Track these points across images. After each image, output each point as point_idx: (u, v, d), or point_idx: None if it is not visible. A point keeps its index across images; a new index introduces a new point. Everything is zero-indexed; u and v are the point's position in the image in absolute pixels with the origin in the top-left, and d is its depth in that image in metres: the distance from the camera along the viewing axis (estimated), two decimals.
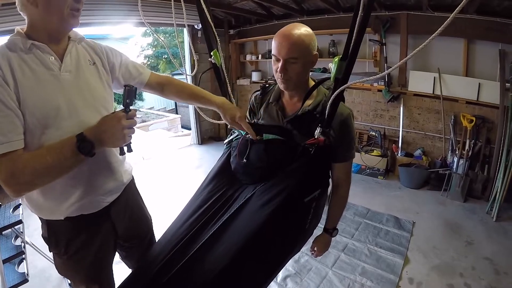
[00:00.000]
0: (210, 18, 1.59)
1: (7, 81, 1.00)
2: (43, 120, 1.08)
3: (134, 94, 1.14)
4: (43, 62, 1.11)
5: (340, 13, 5.15)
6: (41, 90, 1.08)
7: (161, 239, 1.40)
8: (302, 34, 1.27)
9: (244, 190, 1.36)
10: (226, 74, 1.67)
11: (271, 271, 1.32)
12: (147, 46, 16.88)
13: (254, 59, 6.75)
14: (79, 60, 1.23)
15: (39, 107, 1.07)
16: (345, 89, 1.19)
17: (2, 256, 2.25)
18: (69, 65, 1.18)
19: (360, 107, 5.36)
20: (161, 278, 1.18)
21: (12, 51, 1.06)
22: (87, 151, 1.04)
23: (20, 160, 1.01)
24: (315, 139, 1.26)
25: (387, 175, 4.92)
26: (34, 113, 1.06)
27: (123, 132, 1.07)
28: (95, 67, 1.30)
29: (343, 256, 3.01)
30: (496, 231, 3.40)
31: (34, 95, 1.06)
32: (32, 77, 1.07)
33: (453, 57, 4.39)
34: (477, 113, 4.26)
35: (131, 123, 1.11)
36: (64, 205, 1.21)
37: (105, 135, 1.07)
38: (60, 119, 1.11)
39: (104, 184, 1.30)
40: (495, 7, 3.83)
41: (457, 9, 0.81)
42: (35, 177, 1.03)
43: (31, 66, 1.08)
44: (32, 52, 1.10)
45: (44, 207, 1.24)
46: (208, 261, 1.16)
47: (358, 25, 1.09)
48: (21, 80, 1.03)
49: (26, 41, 1.08)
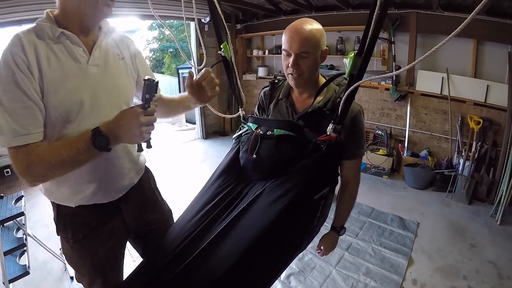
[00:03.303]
0: (221, 11, 1.56)
1: (32, 71, 0.98)
2: (65, 114, 1.06)
3: (155, 89, 1.07)
4: (71, 54, 1.08)
5: (349, 10, 5.12)
6: (66, 84, 1.06)
7: (168, 235, 1.38)
8: (313, 29, 1.26)
9: (253, 186, 1.34)
10: (236, 68, 1.65)
11: (278, 269, 1.32)
12: (152, 39, 16.87)
13: (260, 54, 6.73)
14: (108, 54, 1.21)
15: (62, 101, 1.05)
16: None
17: (4, 248, 2.24)
18: (98, 58, 1.16)
19: (367, 105, 5.32)
20: (168, 274, 1.16)
21: (40, 39, 1.03)
22: (103, 146, 1.02)
23: (36, 152, 1.00)
24: (327, 136, 1.24)
25: (392, 175, 4.90)
26: (57, 108, 1.04)
27: (140, 129, 1.03)
28: (123, 62, 1.27)
29: (347, 255, 3.00)
30: (500, 235, 3.37)
31: (59, 89, 1.04)
32: (58, 69, 1.04)
33: (462, 57, 4.34)
34: (484, 115, 4.22)
35: (150, 120, 1.06)
36: (77, 196, 1.21)
37: (121, 130, 1.03)
38: (82, 115, 1.09)
39: (119, 181, 1.29)
40: (506, 8, 3.78)
41: (474, 10, 0.79)
42: (50, 170, 1.02)
43: (59, 57, 1.05)
44: (60, 42, 1.07)
45: (57, 194, 1.23)
46: (216, 257, 1.15)
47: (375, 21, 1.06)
48: (46, 72, 1.01)
49: (55, 28, 1.05)
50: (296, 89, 1.45)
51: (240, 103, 1.67)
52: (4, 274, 2.19)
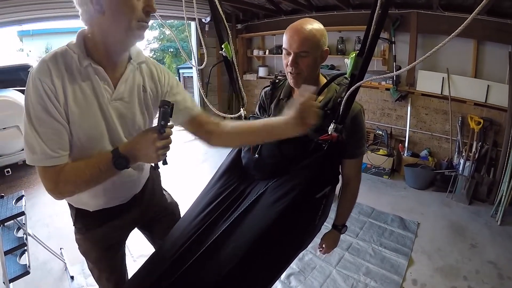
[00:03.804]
0: (222, 11, 1.57)
1: (58, 99, 1.00)
2: (87, 143, 1.11)
3: (170, 114, 1.06)
4: (96, 88, 1.08)
5: (349, 10, 5.12)
6: (89, 118, 1.08)
7: (171, 235, 1.38)
8: (313, 29, 1.27)
9: (255, 185, 1.35)
10: (237, 68, 1.65)
11: (280, 268, 1.32)
12: (153, 39, 16.87)
13: (261, 54, 6.73)
14: (133, 88, 1.19)
15: (85, 132, 1.09)
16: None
17: (4, 247, 2.24)
18: (122, 93, 1.15)
19: (367, 105, 5.32)
20: (172, 274, 1.16)
21: (67, 69, 1.03)
22: (123, 167, 1.06)
23: (63, 172, 1.04)
24: (329, 135, 1.24)
25: (392, 175, 4.89)
26: (80, 138, 1.08)
27: (157, 152, 1.05)
28: (145, 95, 1.24)
29: (347, 255, 3.00)
30: (501, 235, 3.37)
31: (81, 121, 1.07)
32: (82, 103, 1.06)
33: (462, 58, 4.35)
34: (485, 115, 4.22)
35: (166, 143, 1.07)
36: (95, 203, 1.30)
37: (139, 153, 1.07)
38: (102, 144, 1.14)
39: (130, 191, 1.39)
40: (506, 8, 3.78)
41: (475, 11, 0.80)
42: (75, 188, 1.08)
43: (84, 91, 1.06)
44: (87, 74, 1.06)
45: (75, 199, 1.30)
46: (220, 257, 1.15)
47: (376, 21, 1.07)
48: (71, 104, 1.03)
49: (83, 59, 1.04)
50: (297, 89, 1.45)
51: (241, 102, 1.67)
52: (4, 274, 2.19)
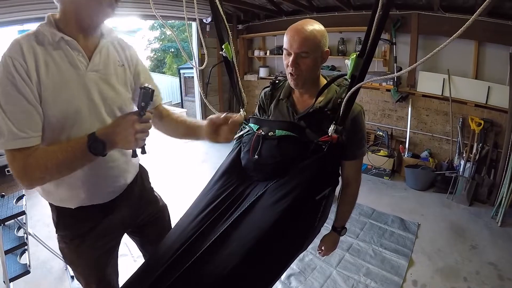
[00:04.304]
0: (222, 11, 1.56)
1: (30, 76, 0.98)
2: (63, 120, 1.07)
3: (151, 97, 1.06)
4: (70, 60, 1.08)
5: (350, 11, 5.12)
6: (63, 91, 1.06)
7: (168, 237, 1.37)
8: (314, 30, 1.27)
9: (255, 187, 1.34)
10: (237, 68, 1.65)
11: (279, 269, 1.31)
12: (154, 39, 16.90)
13: (262, 55, 6.73)
14: (108, 60, 1.20)
15: (60, 109, 1.05)
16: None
17: (5, 247, 2.24)
18: (97, 64, 1.15)
19: (368, 106, 5.32)
20: (169, 277, 1.15)
21: (39, 44, 1.03)
22: (98, 152, 1.02)
23: (33, 156, 1.00)
24: (329, 136, 1.24)
25: (393, 176, 4.89)
26: (55, 114, 1.05)
27: (135, 136, 1.02)
28: (122, 69, 1.26)
29: (347, 256, 3.00)
30: (501, 237, 3.37)
31: (56, 97, 1.04)
32: (56, 76, 1.04)
33: (463, 59, 4.35)
34: (485, 117, 4.22)
35: (145, 127, 1.06)
36: (77, 197, 1.22)
37: (117, 137, 1.03)
38: (80, 120, 1.10)
39: (113, 182, 1.30)
40: (507, 10, 3.78)
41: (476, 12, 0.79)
42: (46, 173, 1.02)
43: (57, 63, 1.05)
44: (60, 47, 1.06)
45: (56, 195, 1.24)
46: (219, 259, 1.14)
47: (377, 22, 1.06)
48: (44, 79, 1.01)
49: (55, 33, 1.05)
50: (297, 90, 1.45)
51: (241, 103, 1.66)
52: (4, 273, 2.19)
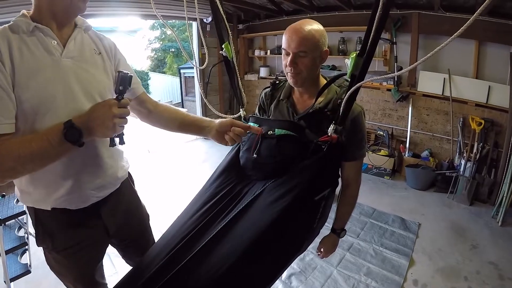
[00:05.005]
0: (223, 10, 1.56)
1: (3, 62, 0.97)
2: (38, 107, 1.03)
3: (129, 82, 1.06)
4: (44, 46, 1.07)
5: (350, 10, 5.12)
6: (38, 76, 1.03)
7: (165, 235, 1.36)
8: (313, 29, 1.27)
9: (253, 186, 1.34)
10: (237, 68, 1.65)
11: (277, 270, 1.30)
12: (154, 39, 16.90)
13: (262, 55, 6.74)
14: (83, 47, 1.19)
15: (34, 94, 1.02)
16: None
17: (5, 246, 2.25)
18: (72, 51, 1.14)
19: (368, 106, 5.32)
20: (163, 275, 1.14)
21: (13, 33, 1.02)
22: (74, 140, 0.97)
23: (5, 145, 0.95)
24: (328, 137, 1.24)
25: (393, 175, 4.89)
26: (29, 99, 1.01)
27: (113, 121, 0.99)
28: (100, 57, 1.25)
29: (348, 255, 3.00)
30: (502, 236, 3.37)
31: (30, 81, 1.01)
32: (30, 61, 1.02)
33: (464, 58, 4.34)
34: (486, 116, 4.22)
35: (123, 112, 1.03)
36: (53, 195, 1.16)
37: (94, 123, 0.99)
38: (56, 107, 1.06)
39: (95, 178, 1.24)
40: (508, 9, 3.78)
41: (477, 12, 0.79)
42: (19, 164, 0.96)
43: (31, 49, 1.04)
44: (34, 35, 1.06)
45: (33, 196, 1.19)
46: (215, 257, 1.13)
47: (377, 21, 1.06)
48: (18, 64, 0.99)
49: (29, 23, 1.05)
50: (297, 90, 1.45)
51: (240, 103, 1.66)
52: (5, 273, 2.20)
